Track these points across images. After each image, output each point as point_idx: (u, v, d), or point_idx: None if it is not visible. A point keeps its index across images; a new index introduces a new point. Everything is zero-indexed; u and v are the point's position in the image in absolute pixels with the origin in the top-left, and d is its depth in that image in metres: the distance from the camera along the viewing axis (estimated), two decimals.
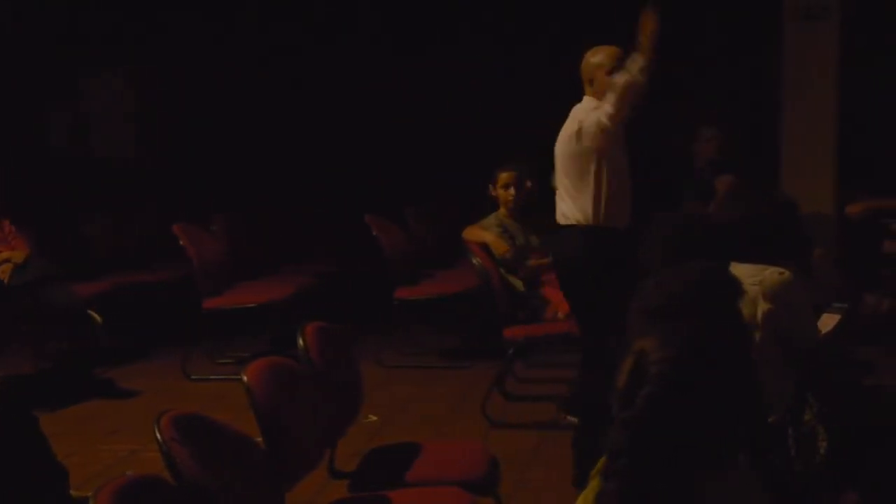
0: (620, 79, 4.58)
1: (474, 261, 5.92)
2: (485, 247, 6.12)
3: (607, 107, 4.63)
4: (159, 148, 9.34)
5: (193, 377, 6.82)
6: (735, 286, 2.48)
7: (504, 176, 6.32)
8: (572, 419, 5.65)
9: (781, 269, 3.34)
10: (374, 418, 5.79)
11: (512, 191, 6.29)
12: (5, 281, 6.29)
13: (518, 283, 6.11)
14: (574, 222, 4.75)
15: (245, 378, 3.28)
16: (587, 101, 4.81)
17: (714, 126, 7.38)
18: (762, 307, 3.25)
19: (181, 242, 6.87)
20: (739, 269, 3.02)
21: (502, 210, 6.30)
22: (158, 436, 2.79)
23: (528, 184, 6.59)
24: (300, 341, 3.76)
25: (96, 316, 6.49)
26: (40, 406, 4.53)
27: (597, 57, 4.80)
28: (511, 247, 6.10)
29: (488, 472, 3.76)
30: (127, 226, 8.55)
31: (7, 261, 6.39)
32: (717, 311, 2.35)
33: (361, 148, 9.02)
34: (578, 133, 4.75)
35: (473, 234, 6.32)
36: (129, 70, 9.33)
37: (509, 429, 5.64)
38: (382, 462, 3.91)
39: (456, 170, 8.35)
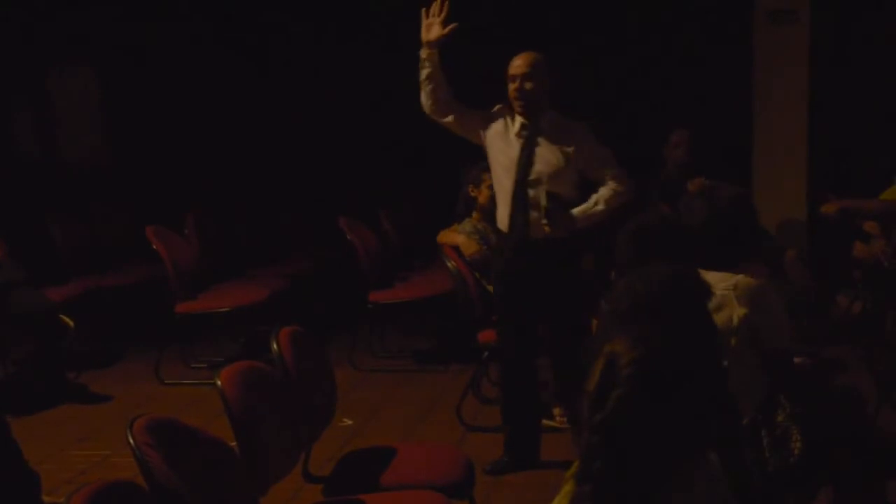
0: None
1: (448, 264, 5.92)
2: (459, 249, 6.12)
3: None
4: (128, 148, 9.27)
5: (167, 381, 6.79)
6: (702, 287, 2.50)
7: (487, 175, 6.27)
8: (548, 422, 5.68)
9: (754, 272, 3.36)
10: (349, 422, 5.78)
11: (487, 193, 6.24)
12: None
13: (489, 286, 6.10)
14: None
15: (219, 382, 3.27)
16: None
17: (684, 129, 7.42)
18: (738, 312, 3.27)
19: (154, 245, 6.82)
20: (711, 276, 3.03)
21: (476, 214, 6.28)
22: (131, 441, 2.77)
23: None
24: (273, 345, 3.75)
25: (68, 320, 6.44)
26: (10, 411, 4.49)
27: (517, 62, 4.93)
28: (483, 250, 6.08)
29: (464, 475, 3.76)
30: (97, 228, 8.49)
31: None
32: (685, 312, 2.36)
33: (335, 149, 9.01)
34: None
35: (447, 237, 6.31)
36: (96, 68, 9.27)
37: (484, 432, 5.64)
38: (357, 466, 3.90)
39: (429, 172, 8.35)
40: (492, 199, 6.18)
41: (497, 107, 5.04)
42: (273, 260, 8.31)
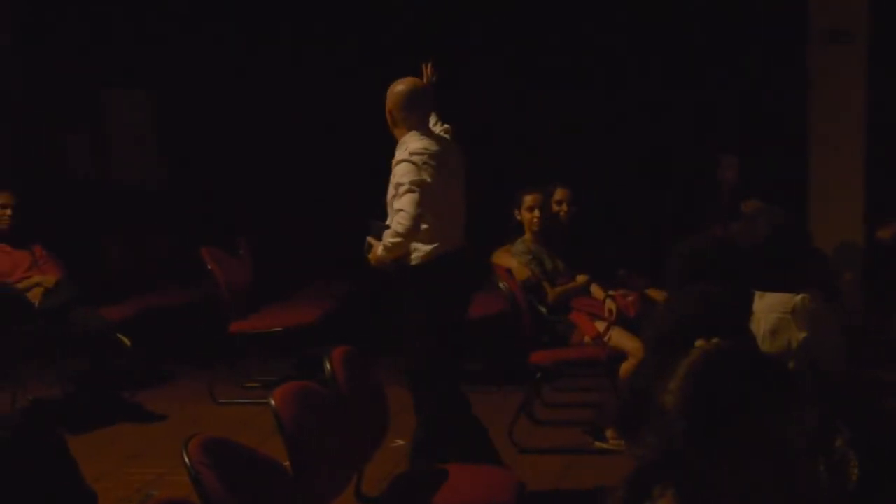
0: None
1: (501, 285, 5.91)
2: (511, 271, 6.12)
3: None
4: (182, 170, 9.37)
5: (220, 401, 6.83)
6: (743, 308, 2.48)
7: (528, 198, 6.27)
8: (601, 444, 5.65)
9: (810, 296, 3.32)
10: (401, 442, 5.77)
11: (537, 213, 6.24)
12: (36, 304, 6.33)
13: (542, 308, 6.09)
14: None
15: (273, 402, 3.29)
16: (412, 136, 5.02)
17: (734, 152, 7.39)
18: (797, 336, 3.23)
19: (208, 266, 6.89)
20: (769, 299, 3.00)
21: (528, 234, 6.28)
22: (187, 459, 2.80)
23: (565, 207, 6.58)
24: (327, 365, 3.77)
25: (125, 339, 6.52)
26: (67, 429, 4.56)
27: (394, 89, 5.07)
28: (536, 273, 6.08)
29: (515, 498, 3.74)
30: (150, 248, 8.59)
31: (38, 284, 6.43)
32: (727, 334, 2.34)
33: (387, 172, 9.03)
34: None
35: (501, 258, 6.31)
36: (151, 90, 9.39)
37: (536, 454, 5.61)
38: (409, 487, 3.90)
39: (481, 191, 8.35)
40: (540, 221, 6.20)
41: None
42: (324, 280, 8.35)
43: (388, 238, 4.93)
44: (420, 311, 4.97)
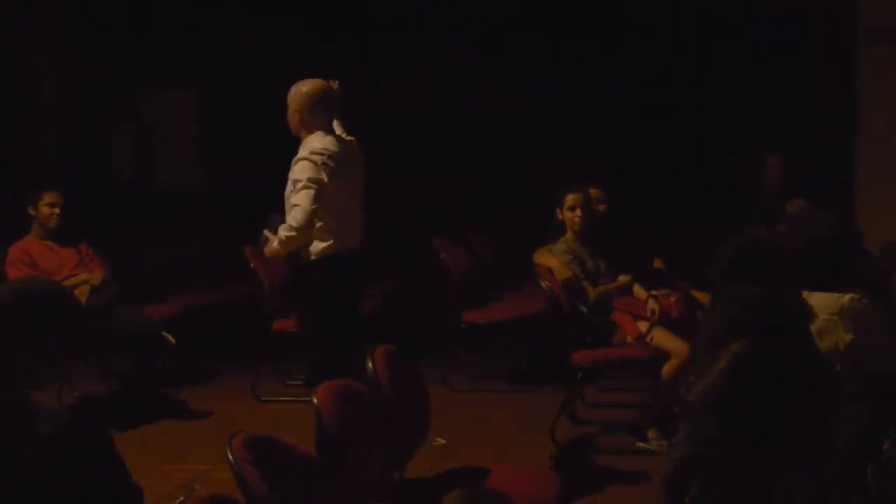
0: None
1: (543, 284, 5.89)
2: (553, 270, 6.10)
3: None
4: (224, 170, 9.43)
5: (263, 398, 6.87)
6: (799, 309, 2.45)
7: (570, 198, 6.23)
8: (642, 444, 5.62)
9: (858, 296, 3.28)
10: (443, 441, 5.77)
11: (578, 213, 6.20)
12: (83, 302, 6.40)
13: (584, 308, 6.06)
14: None
15: (315, 400, 3.30)
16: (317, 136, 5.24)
17: (778, 152, 7.32)
18: (843, 337, 3.19)
19: (251, 264, 6.93)
20: (816, 299, 2.97)
21: (569, 234, 6.25)
22: (230, 456, 2.81)
23: (602, 206, 6.56)
24: (369, 364, 3.77)
25: (170, 337, 6.57)
26: (112, 426, 4.59)
27: (299, 90, 5.27)
28: (578, 272, 6.05)
29: (557, 498, 3.73)
30: (193, 247, 8.65)
31: (84, 282, 6.50)
32: (780, 334, 2.32)
33: (427, 169, 9.05)
34: None
35: (543, 257, 6.29)
36: (194, 91, 9.45)
37: (578, 454, 5.59)
38: (452, 486, 3.89)
39: (523, 191, 8.35)
40: (582, 220, 6.17)
41: None
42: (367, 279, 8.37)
43: (283, 232, 5.10)
44: (314, 306, 5.27)
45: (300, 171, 5.12)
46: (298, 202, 5.05)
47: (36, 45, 9.08)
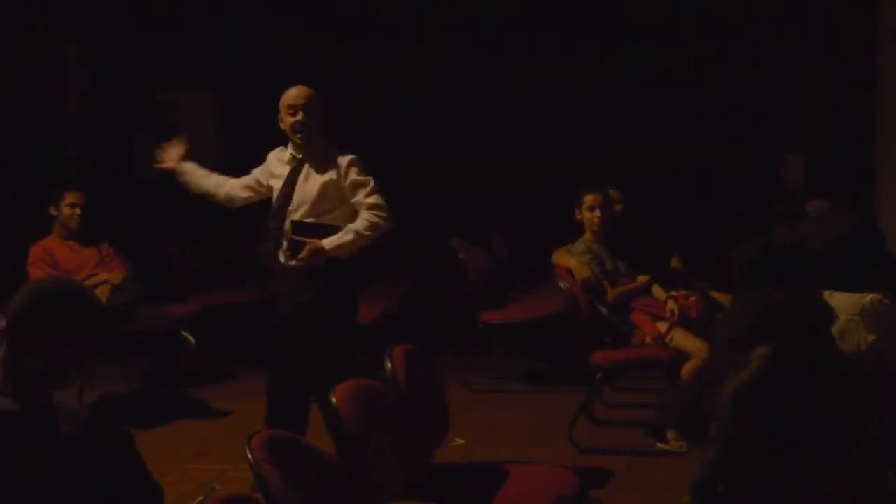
0: None
1: (561, 285, 5.89)
2: (571, 271, 6.09)
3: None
4: (245, 169, 9.44)
5: None
6: (823, 311, 2.44)
7: (589, 198, 6.22)
8: (662, 445, 5.62)
9: (880, 297, 3.26)
10: (461, 441, 5.78)
11: (597, 213, 6.19)
12: (104, 302, 6.44)
13: (603, 308, 6.06)
14: None
15: (334, 400, 3.31)
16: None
17: (799, 152, 7.29)
18: (866, 338, 3.18)
19: None
20: (837, 299, 2.96)
21: (588, 234, 6.24)
22: (249, 456, 2.83)
23: (619, 207, 6.55)
24: (388, 364, 3.79)
25: (189, 337, 6.60)
26: (132, 425, 4.61)
27: (319, 96, 5.27)
28: (597, 272, 6.05)
29: (577, 498, 3.73)
30: (214, 247, 8.67)
31: (105, 282, 6.54)
32: (803, 336, 2.31)
33: (446, 168, 9.05)
34: None
35: (561, 257, 6.29)
36: (215, 90, 9.47)
37: (597, 454, 5.59)
38: (470, 486, 3.90)
39: (542, 191, 8.35)
40: (601, 221, 6.16)
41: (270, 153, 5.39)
42: (384, 279, 8.38)
43: (366, 231, 5.08)
44: (332, 307, 5.11)
45: (360, 172, 5.16)
46: (380, 202, 5.11)
47: (58, 45, 9.13)
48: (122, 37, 9.10)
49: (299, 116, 5.14)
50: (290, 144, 5.25)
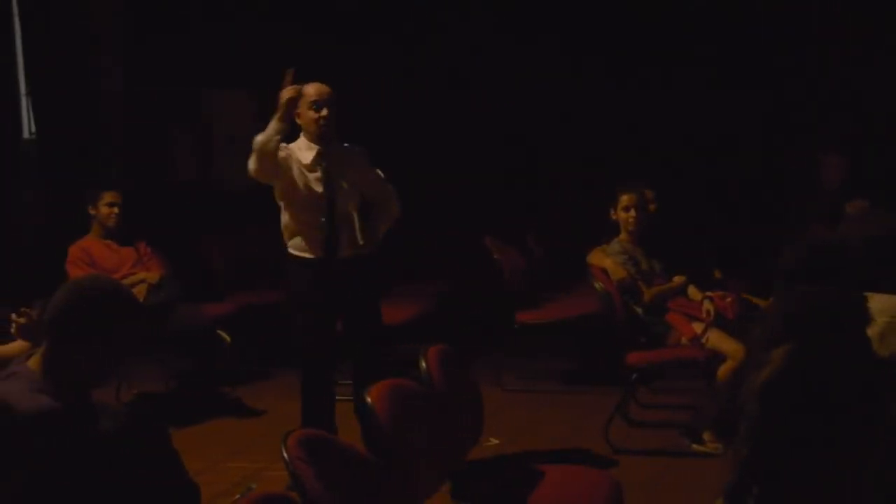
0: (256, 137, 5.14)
1: (596, 285, 5.87)
2: (607, 271, 6.07)
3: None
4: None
5: None
6: (856, 312, 2.41)
7: (624, 198, 6.20)
8: (698, 447, 5.58)
9: None
10: (496, 441, 5.78)
11: (633, 213, 6.17)
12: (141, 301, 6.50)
13: (638, 308, 6.03)
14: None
15: (369, 399, 3.32)
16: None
17: (838, 151, 7.23)
18: None
19: None
20: (877, 301, 2.92)
21: (623, 234, 6.21)
22: (285, 455, 2.84)
23: (653, 206, 6.52)
24: (422, 364, 3.79)
25: (225, 336, 6.64)
26: (168, 424, 4.64)
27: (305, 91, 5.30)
28: (632, 273, 6.02)
29: (613, 499, 3.72)
30: (250, 248, 8.71)
31: (142, 281, 6.59)
32: (839, 335, 2.29)
33: (482, 168, 9.04)
34: None
35: (597, 257, 6.27)
36: (252, 90, 9.52)
37: (632, 455, 5.57)
38: (505, 487, 3.90)
39: (577, 191, 8.33)
40: (636, 221, 6.13)
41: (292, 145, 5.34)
42: (419, 279, 8.39)
43: (396, 217, 5.44)
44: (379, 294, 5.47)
45: (374, 171, 5.44)
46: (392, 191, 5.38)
47: (97, 46, 9.21)
48: (161, 37, 9.16)
49: (324, 112, 5.24)
50: (310, 139, 5.33)
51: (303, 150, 5.31)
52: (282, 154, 5.25)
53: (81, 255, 6.67)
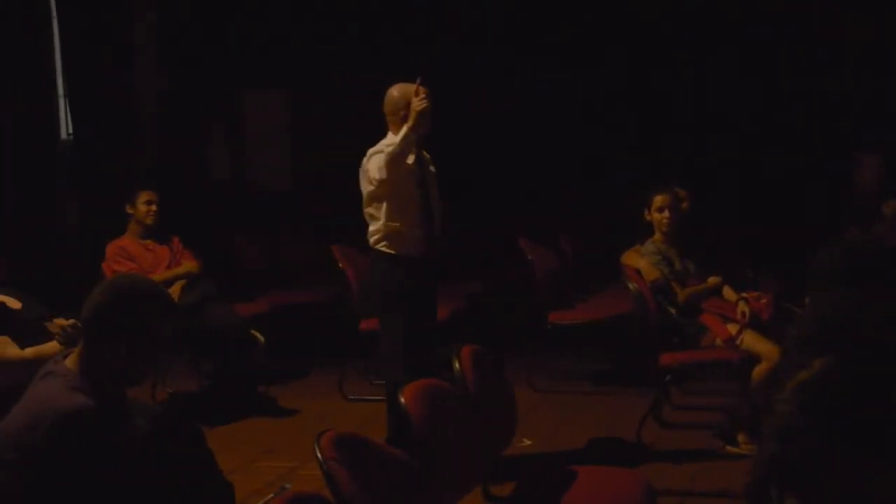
0: (388, 150, 5.05)
1: (630, 285, 5.85)
2: (640, 272, 6.05)
3: (377, 161, 5.11)
4: (314, 170, 9.53)
5: (350, 397, 6.94)
6: (888, 313, 2.39)
7: (658, 199, 6.17)
8: (732, 448, 5.55)
9: None
10: (529, 442, 5.77)
11: (667, 214, 6.14)
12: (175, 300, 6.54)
13: (672, 309, 6.00)
14: (372, 245, 5.35)
15: (402, 400, 3.32)
16: (389, 136, 5.23)
17: (874, 152, 7.17)
18: None
19: (340, 264, 6.99)
20: None
21: (658, 235, 6.18)
22: (319, 454, 2.84)
23: (685, 205, 6.50)
24: (455, 364, 3.78)
25: (259, 335, 6.67)
26: (202, 423, 4.67)
27: (395, 93, 5.25)
28: (666, 273, 5.99)
29: (646, 501, 3.70)
30: (284, 247, 8.76)
31: (184, 275, 6.65)
32: (878, 339, 2.26)
33: (515, 169, 9.03)
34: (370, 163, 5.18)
35: (630, 258, 6.25)
36: (287, 91, 9.56)
37: (666, 456, 5.54)
38: (537, 487, 3.89)
39: (610, 192, 8.30)
40: (670, 221, 6.10)
41: (380, 148, 5.20)
42: (453, 280, 8.38)
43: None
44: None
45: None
46: None
47: (134, 47, 9.29)
48: (195, 37, 9.22)
49: (427, 107, 5.23)
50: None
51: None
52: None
53: (120, 253, 6.73)
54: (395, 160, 5.03)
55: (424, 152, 5.37)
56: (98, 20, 8.97)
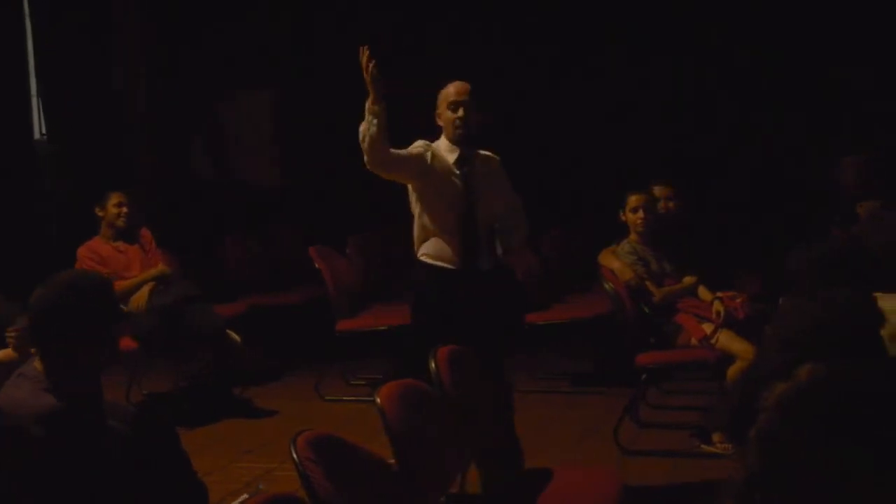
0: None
1: (606, 286, 5.87)
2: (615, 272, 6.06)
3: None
4: (298, 170, 9.51)
5: (327, 398, 6.92)
6: (876, 315, 2.40)
7: (632, 199, 6.18)
8: (708, 447, 5.57)
9: None
10: None
11: (641, 214, 6.15)
12: (143, 303, 6.51)
13: (646, 308, 6.01)
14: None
15: (378, 400, 3.31)
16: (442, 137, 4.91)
17: (854, 154, 7.20)
18: None
19: (316, 265, 6.98)
20: (888, 301, 2.91)
21: (633, 235, 6.20)
22: (294, 455, 2.83)
23: (671, 204, 6.51)
24: (432, 364, 3.78)
25: (235, 336, 6.65)
26: (178, 424, 4.66)
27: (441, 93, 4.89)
28: (641, 273, 6.01)
29: (620, 501, 3.71)
30: (266, 248, 8.73)
31: (155, 279, 6.61)
32: (856, 339, 2.28)
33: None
34: None
35: (606, 259, 6.27)
36: (270, 91, 9.53)
37: (642, 456, 5.55)
38: (514, 487, 3.89)
39: (589, 193, 8.31)
40: (644, 222, 6.11)
41: (420, 143, 4.86)
42: None
43: (522, 240, 5.04)
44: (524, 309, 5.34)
45: (507, 180, 5.02)
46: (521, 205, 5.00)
47: (118, 47, 9.24)
48: (180, 38, 9.18)
49: (460, 113, 4.82)
50: (449, 140, 4.88)
51: (446, 152, 4.86)
52: (424, 151, 4.82)
53: (90, 256, 6.69)
54: (362, 141, 4.63)
55: (484, 151, 4.95)
56: (71, 19, 8.92)
